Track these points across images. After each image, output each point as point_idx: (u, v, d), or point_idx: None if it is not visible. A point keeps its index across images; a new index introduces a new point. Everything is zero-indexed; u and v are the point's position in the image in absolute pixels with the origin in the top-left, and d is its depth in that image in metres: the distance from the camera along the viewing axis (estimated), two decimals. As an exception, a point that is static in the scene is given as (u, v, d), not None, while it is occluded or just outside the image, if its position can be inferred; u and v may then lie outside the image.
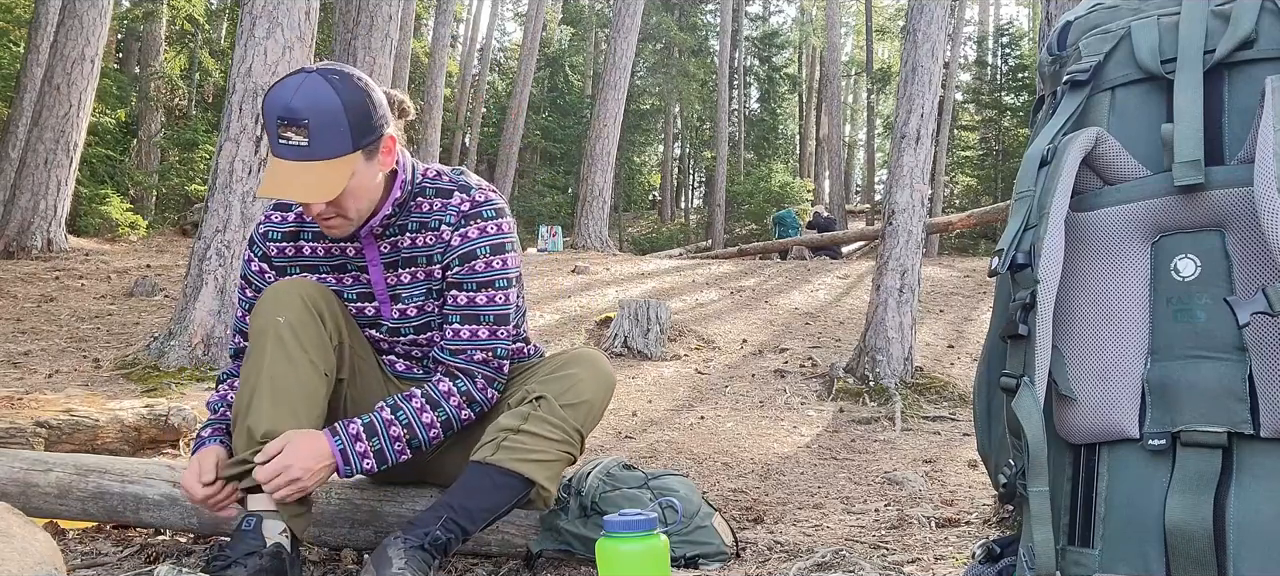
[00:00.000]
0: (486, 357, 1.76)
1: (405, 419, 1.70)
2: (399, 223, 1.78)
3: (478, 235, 1.76)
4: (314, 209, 1.66)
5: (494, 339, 1.76)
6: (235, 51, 5.68)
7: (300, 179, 1.59)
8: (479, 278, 1.75)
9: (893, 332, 5.71)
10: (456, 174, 1.82)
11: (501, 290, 1.76)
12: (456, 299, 1.76)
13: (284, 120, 1.58)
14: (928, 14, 5.93)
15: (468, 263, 1.75)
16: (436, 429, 1.73)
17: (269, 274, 1.86)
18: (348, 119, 1.60)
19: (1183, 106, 1.18)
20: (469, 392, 1.75)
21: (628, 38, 14.39)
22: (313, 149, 1.58)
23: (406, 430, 1.70)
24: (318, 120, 1.58)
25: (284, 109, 1.58)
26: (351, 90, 1.62)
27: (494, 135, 25.16)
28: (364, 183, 1.66)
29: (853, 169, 33.13)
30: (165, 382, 4.81)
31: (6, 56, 12.70)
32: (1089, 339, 1.22)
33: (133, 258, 10.29)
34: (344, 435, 1.66)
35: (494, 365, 1.77)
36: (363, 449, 1.67)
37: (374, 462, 1.68)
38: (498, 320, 1.76)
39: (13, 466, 2.08)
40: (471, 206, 1.77)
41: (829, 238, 14.85)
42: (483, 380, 1.76)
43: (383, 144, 1.68)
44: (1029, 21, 31.26)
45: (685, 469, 3.43)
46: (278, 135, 1.59)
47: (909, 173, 5.85)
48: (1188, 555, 1.10)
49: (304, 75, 1.61)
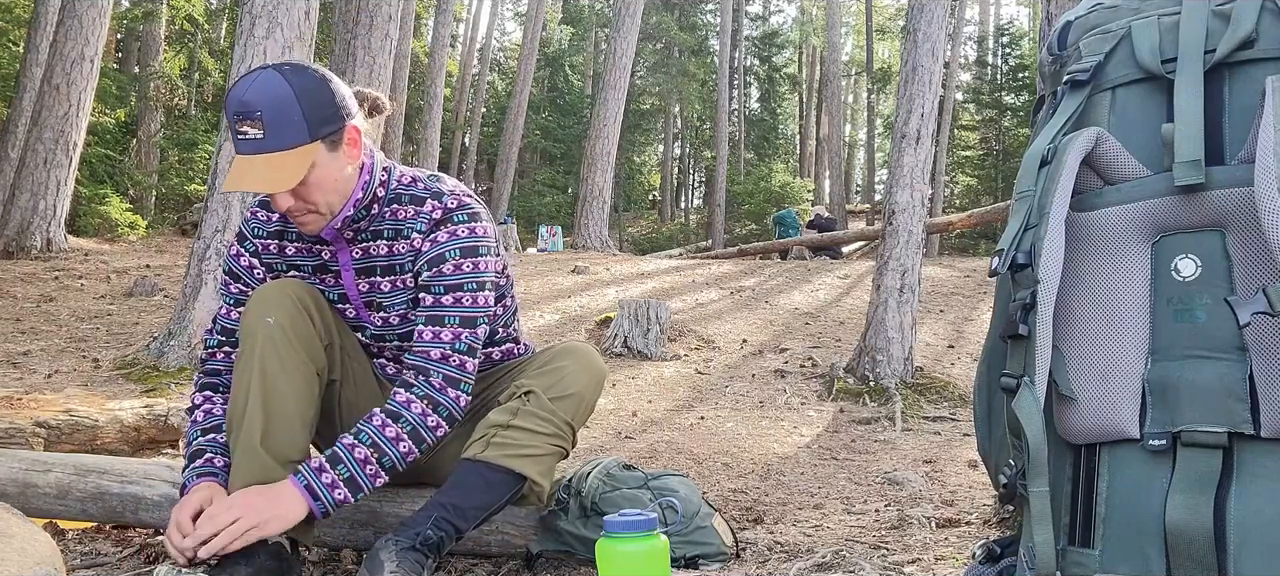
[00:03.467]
0: (444, 354, 1.69)
1: (368, 438, 1.64)
2: (372, 228, 1.76)
3: (447, 239, 1.73)
4: (282, 203, 1.64)
5: (455, 339, 1.71)
6: (235, 51, 5.68)
7: (258, 171, 1.58)
8: (447, 281, 1.72)
9: (893, 332, 5.71)
10: (432, 180, 1.80)
11: (470, 293, 1.73)
12: (424, 301, 1.74)
13: (239, 115, 1.58)
14: (928, 14, 5.93)
15: (436, 266, 1.73)
16: (405, 442, 1.66)
17: (258, 270, 1.85)
18: (301, 108, 1.59)
19: (1183, 106, 1.18)
20: (428, 395, 1.68)
21: (628, 37, 14.39)
22: (268, 141, 1.58)
23: (372, 449, 1.64)
24: (271, 112, 1.57)
25: (239, 104, 1.58)
26: (305, 80, 1.61)
27: (494, 135, 25.17)
28: (330, 174, 1.65)
29: (853, 169, 33.14)
30: (165, 382, 4.81)
31: (6, 56, 12.70)
32: (1089, 339, 1.22)
33: (132, 258, 10.29)
34: (306, 471, 1.62)
35: (454, 362, 1.70)
36: (329, 480, 1.61)
37: (346, 492, 1.62)
38: (463, 322, 1.71)
39: (12, 466, 2.07)
40: (443, 213, 1.75)
41: (829, 238, 14.85)
42: (441, 379, 1.69)
43: (346, 134, 1.66)
44: (1029, 21, 31.27)
45: (685, 469, 3.43)
46: (236, 131, 1.59)
47: (909, 173, 5.85)
48: (1188, 555, 1.10)
49: (259, 71, 1.61)
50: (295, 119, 1.59)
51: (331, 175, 1.65)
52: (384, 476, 1.67)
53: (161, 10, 16.03)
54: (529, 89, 21.90)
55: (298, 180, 1.59)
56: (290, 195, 1.63)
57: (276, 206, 1.66)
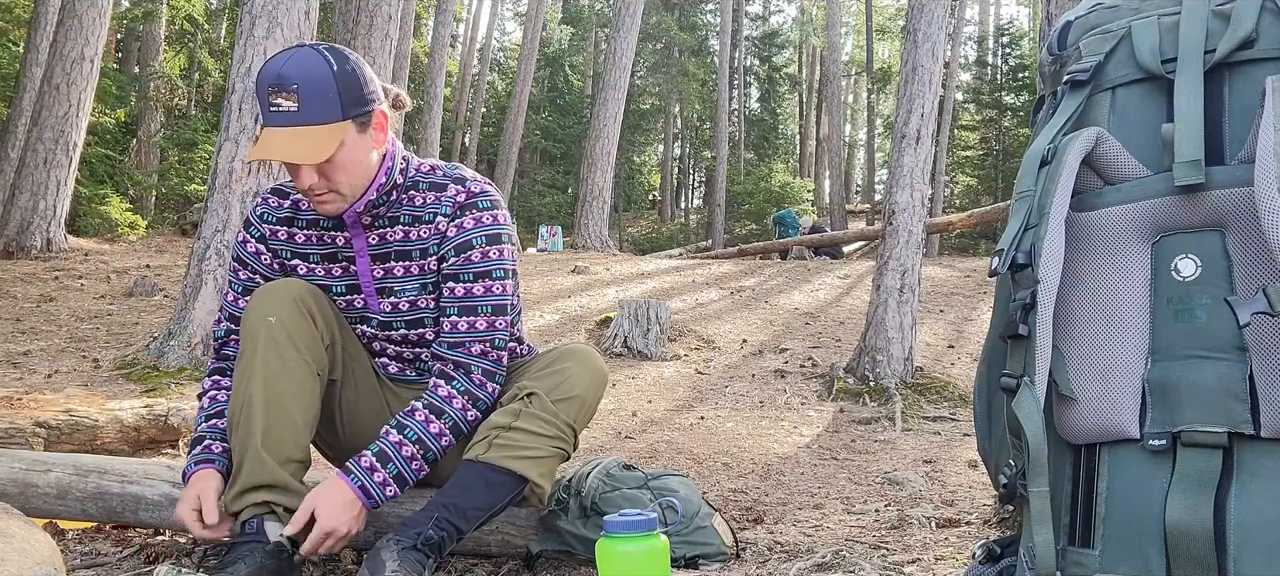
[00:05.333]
0: (484, 349, 1.74)
1: (414, 436, 1.69)
2: (389, 214, 1.78)
3: (473, 225, 1.75)
4: (305, 179, 1.64)
5: (491, 330, 1.74)
6: (235, 51, 5.68)
7: (288, 142, 1.60)
8: (475, 268, 1.74)
9: (893, 332, 5.71)
10: (451, 168, 1.82)
11: (498, 281, 1.75)
12: (454, 291, 1.75)
13: (274, 87, 1.60)
14: (928, 14, 5.93)
15: (464, 253, 1.74)
16: (447, 437, 1.72)
17: (265, 256, 1.85)
18: (337, 86, 1.62)
19: (1183, 106, 1.18)
20: (469, 391, 1.73)
21: (628, 37, 14.38)
22: (302, 114, 1.60)
23: (418, 446, 1.69)
24: (307, 86, 1.60)
25: (274, 76, 1.60)
26: (341, 61, 1.64)
27: (494, 135, 25.16)
28: (356, 156, 1.67)
29: (853, 169, 33.11)
30: (165, 383, 4.81)
31: (6, 56, 12.69)
32: (1089, 339, 1.22)
33: (132, 257, 10.28)
34: (358, 471, 1.66)
35: (492, 357, 1.75)
36: (381, 478, 1.66)
37: (396, 488, 1.68)
38: (495, 310, 1.75)
39: (12, 466, 2.07)
40: (467, 198, 1.76)
41: (828, 238, 14.86)
42: (481, 374, 1.74)
43: (375, 119, 1.69)
44: (1029, 21, 31.26)
45: (685, 469, 3.43)
46: (268, 104, 1.61)
47: (909, 173, 5.85)
48: (1188, 555, 1.10)
49: (297, 48, 1.65)
50: (330, 95, 1.61)
51: (357, 157, 1.67)
52: (426, 470, 1.72)
53: (161, 10, 16.02)
54: (529, 89, 21.89)
55: (327, 154, 1.61)
56: (315, 172, 1.64)
57: (298, 185, 1.67)
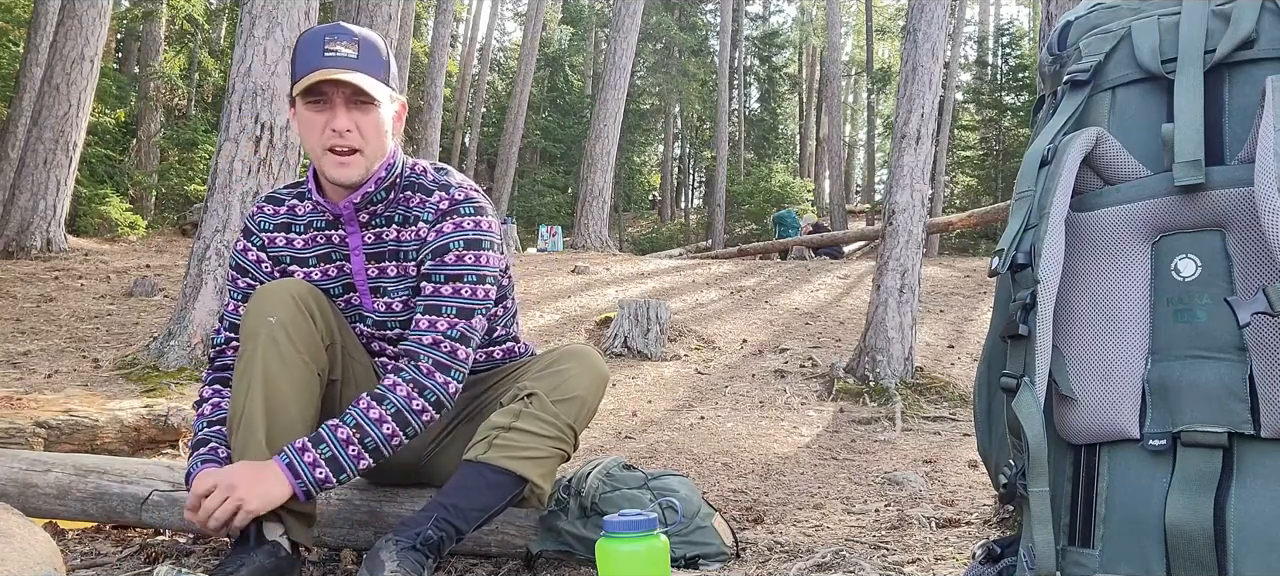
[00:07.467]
0: (436, 340, 1.70)
1: (352, 420, 1.65)
2: (385, 213, 1.80)
3: (452, 230, 1.76)
4: (342, 121, 1.69)
5: (450, 327, 1.72)
6: (235, 51, 5.68)
7: (346, 75, 1.67)
8: (448, 270, 1.74)
9: (893, 332, 5.71)
10: (439, 172, 1.83)
11: (470, 284, 1.74)
12: (424, 290, 1.76)
13: (334, 36, 1.70)
14: (928, 14, 5.93)
15: (439, 256, 1.75)
16: (388, 424, 1.66)
17: (266, 263, 1.86)
18: (385, 56, 1.75)
19: (1183, 106, 1.18)
20: (414, 379, 1.68)
21: (628, 38, 14.38)
22: (361, 61, 1.69)
23: (355, 430, 1.64)
24: (367, 44, 1.71)
25: (334, 28, 1.71)
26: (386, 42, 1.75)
27: (494, 135, 25.17)
28: (384, 126, 1.75)
29: (853, 169, 33.10)
30: (165, 383, 4.81)
31: (6, 56, 12.69)
32: (1089, 339, 1.22)
33: (132, 258, 10.28)
34: (289, 450, 1.63)
35: (445, 348, 1.71)
36: (311, 459, 1.62)
37: (328, 471, 1.63)
38: (460, 313, 1.73)
39: (12, 466, 2.07)
40: (449, 204, 1.78)
41: (829, 237, 14.86)
42: (430, 364, 1.69)
43: (399, 106, 1.80)
44: (1029, 21, 31.26)
45: (685, 469, 3.43)
46: (325, 49, 1.68)
47: (909, 173, 5.85)
48: (1188, 555, 1.10)
49: None
50: (383, 59, 1.74)
51: (384, 127, 1.75)
52: (367, 458, 1.66)
53: (161, 10, 16.02)
54: (529, 89, 21.89)
55: (377, 97, 1.70)
56: (355, 116, 1.70)
57: (337, 124, 1.70)
